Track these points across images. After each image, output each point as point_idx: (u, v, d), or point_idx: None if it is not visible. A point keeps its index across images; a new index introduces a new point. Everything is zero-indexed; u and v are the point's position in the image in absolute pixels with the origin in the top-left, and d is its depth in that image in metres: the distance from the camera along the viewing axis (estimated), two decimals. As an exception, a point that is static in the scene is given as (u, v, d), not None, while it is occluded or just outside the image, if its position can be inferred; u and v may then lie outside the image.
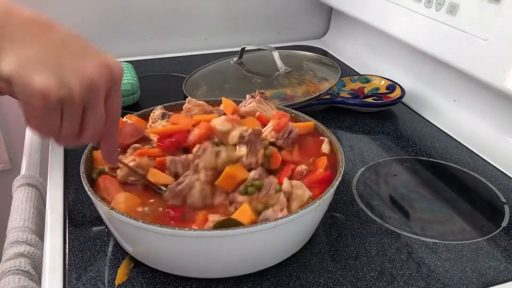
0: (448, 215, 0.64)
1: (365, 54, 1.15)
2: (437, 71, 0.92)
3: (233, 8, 1.23)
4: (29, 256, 0.61)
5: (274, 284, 0.52)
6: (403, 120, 0.89)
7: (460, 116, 0.87)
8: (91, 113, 0.44)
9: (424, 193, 0.68)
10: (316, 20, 1.33)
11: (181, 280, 0.52)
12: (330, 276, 0.53)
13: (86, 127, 0.44)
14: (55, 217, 0.62)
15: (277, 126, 0.62)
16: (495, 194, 0.68)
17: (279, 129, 0.62)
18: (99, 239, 0.58)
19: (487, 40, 0.73)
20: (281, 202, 0.52)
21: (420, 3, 0.87)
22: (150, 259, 0.53)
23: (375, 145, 0.80)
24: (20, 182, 0.73)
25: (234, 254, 0.50)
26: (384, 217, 0.63)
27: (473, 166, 0.75)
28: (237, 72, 0.99)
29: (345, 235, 0.60)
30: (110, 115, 0.46)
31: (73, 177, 0.69)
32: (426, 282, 0.53)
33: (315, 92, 0.85)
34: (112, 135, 0.48)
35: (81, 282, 0.52)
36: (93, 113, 0.44)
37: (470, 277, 0.54)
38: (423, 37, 0.88)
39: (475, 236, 0.60)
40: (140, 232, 0.49)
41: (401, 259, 0.56)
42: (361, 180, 0.71)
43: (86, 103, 0.43)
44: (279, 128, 0.62)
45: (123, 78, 0.88)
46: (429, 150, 0.79)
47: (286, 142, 0.62)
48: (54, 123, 0.43)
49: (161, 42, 1.20)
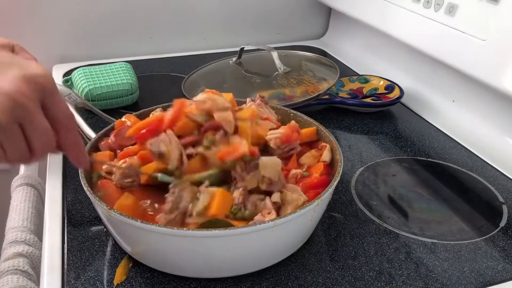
0: (446, 215, 0.64)
1: (364, 55, 1.15)
2: (435, 72, 0.92)
3: (232, 8, 1.23)
4: (27, 256, 0.61)
5: (272, 284, 0.52)
6: (402, 120, 0.89)
7: (458, 116, 0.87)
8: (30, 130, 0.41)
9: (423, 193, 0.68)
10: (315, 20, 1.33)
11: (180, 280, 0.52)
12: (329, 276, 0.53)
13: (33, 145, 0.42)
14: (54, 217, 0.62)
15: (285, 138, 0.59)
16: (493, 194, 0.68)
17: (286, 141, 0.59)
18: (97, 239, 0.58)
19: (485, 40, 0.74)
20: (268, 206, 0.52)
21: (419, 3, 0.87)
22: (148, 259, 0.53)
23: (374, 145, 0.80)
24: (19, 182, 0.73)
25: (233, 254, 0.50)
26: (383, 217, 0.63)
27: (472, 166, 0.75)
28: (236, 72, 0.99)
29: (344, 235, 0.60)
30: (58, 123, 0.43)
31: (71, 177, 0.69)
32: (425, 282, 0.53)
33: (314, 92, 0.85)
34: (72, 141, 0.46)
35: (79, 282, 0.52)
36: (32, 129, 0.41)
37: (468, 277, 0.54)
38: (422, 38, 0.88)
39: (473, 236, 0.60)
40: (138, 232, 0.49)
41: (399, 259, 0.56)
42: (360, 180, 0.71)
43: (19, 123, 0.40)
44: (287, 141, 0.59)
45: (122, 77, 0.88)
46: (427, 150, 0.79)
47: (283, 154, 0.60)
48: None
49: (160, 42, 1.20)
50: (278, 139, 0.59)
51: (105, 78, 0.88)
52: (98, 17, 1.13)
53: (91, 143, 0.61)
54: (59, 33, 1.11)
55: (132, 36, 1.17)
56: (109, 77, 0.88)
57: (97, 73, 0.89)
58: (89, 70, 0.90)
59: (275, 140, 0.60)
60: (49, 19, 1.09)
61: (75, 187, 0.67)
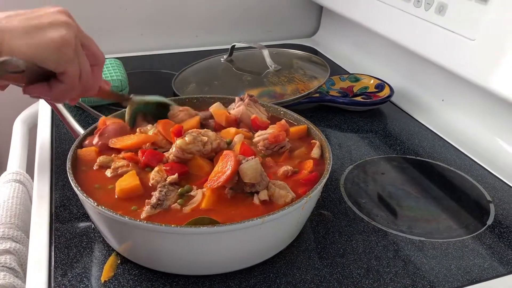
0: (434, 213, 0.64)
1: (355, 53, 1.16)
2: (425, 71, 0.93)
3: (224, 6, 1.23)
4: (14, 253, 0.60)
5: (261, 281, 0.52)
6: (392, 119, 0.90)
7: (448, 116, 0.88)
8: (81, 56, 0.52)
9: (411, 191, 0.69)
10: (306, 19, 1.33)
11: (168, 277, 0.52)
12: (317, 273, 0.54)
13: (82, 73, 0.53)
14: (42, 213, 0.61)
15: (273, 139, 0.61)
16: (481, 193, 0.69)
17: (275, 142, 0.61)
18: (85, 235, 0.58)
19: (474, 40, 0.74)
20: None
21: (410, 2, 0.87)
22: (136, 256, 0.53)
23: (364, 144, 0.81)
24: (7, 178, 0.72)
25: (221, 251, 0.50)
26: (372, 215, 0.63)
27: (460, 165, 0.75)
28: (227, 70, 0.99)
29: (333, 232, 0.60)
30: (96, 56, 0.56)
31: (59, 174, 0.69)
32: (412, 279, 0.53)
33: (305, 91, 0.86)
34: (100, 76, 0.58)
35: (66, 279, 0.51)
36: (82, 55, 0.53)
37: (455, 275, 0.54)
38: (412, 37, 0.88)
39: (461, 234, 0.61)
40: (126, 228, 0.49)
41: (387, 257, 0.56)
42: (349, 178, 0.71)
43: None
44: (275, 141, 0.61)
45: (112, 74, 0.88)
46: (417, 149, 0.79)
47: (273, 154, 0.62)
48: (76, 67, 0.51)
49: (151, 39, 1.20)
50: (266, 141, 0.62)
51: (94, 75, 0.87)
52: (89, 13, 1.12)
53: (79, 140, 0.61)
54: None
55: (122, 33, 1.17)
56: (98, 74, 0.88)
57: (86, 69, 0.88)
58: (78, 66, 0.89)
59: (264, 142, 0.62)
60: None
61: (63, 184, 0.66)
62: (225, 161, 0.53)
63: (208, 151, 0.58)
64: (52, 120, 0.83)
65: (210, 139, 0.58)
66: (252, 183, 0.53)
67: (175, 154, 0.57)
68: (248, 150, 0.58)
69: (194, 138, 0.57)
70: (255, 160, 0.53)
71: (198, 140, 0.57)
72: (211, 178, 0.53)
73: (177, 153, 0.56)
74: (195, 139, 0.57)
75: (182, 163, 0.57)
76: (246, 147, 0.59)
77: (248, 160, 0.53)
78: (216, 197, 0.53)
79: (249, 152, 0.58)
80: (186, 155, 0.56)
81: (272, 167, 0.59)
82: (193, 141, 0.56)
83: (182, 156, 0.56)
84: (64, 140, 0.77)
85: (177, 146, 0.56)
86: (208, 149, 0.57)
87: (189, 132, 0.58)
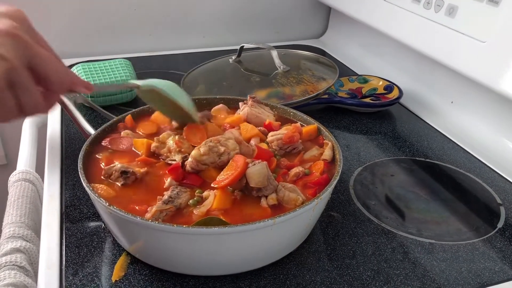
0: (444, 216, 0.64)
1: (364, 55, 1.15)
2: (435, 72, 0.93)
3: (232, 7, 1.23)
4: (25, 251, 0.60)
5: (271, 282, 0.52)
6: (401, 120, 0.90)
7: (457, 118, 0.87)
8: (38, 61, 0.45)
9: (421, 193, 0.69)
10: (314, 20, 1.33)
11: (178, 277, 0.52)
12: (327, 275, 0.54)
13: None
14: (52, 213, 0.62)
15: (288, 139, 0.62)
16: (491, 196, 0.68)
17: (289, 142, 0.62)
18: (96, 235, 0.58)
19: (485, 42, 0.74)
20: None
21: (419, 4, 0.87)
22: (147, 256, 0.53)
23: (372, 145, 0.80)
24: (16, 177, 0.73)
25: (232, 251, 0.50)
26: (381, 217, 0.63)
27: (470, 168, 0.75)
28: (235, 71, 0.99)
29: (342, 234, 0.60)
30: None
31: (70, 173, 0.69)
32: (422, 282, 0.53)
33: (313, 92, 0.85)
34: None
35: (77, 278, 0.52)
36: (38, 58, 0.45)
37: (466, 278, 0.54)
38: (421, 39, 0.88)
39: (471, 237, 0.60)
40: (137, 228, 0.49)
41: (397, 259, 0.56)
42: (358, 180, 0.71)
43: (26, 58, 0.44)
44: (290, 141, 0.62)
45: (121, 74, 0.88)
46: (426, 151, 0.79)
47: (285, 154, 0.63)
48: (11, 102, 0.43)
49: (159, 39, 1.20)
50: (280, 141, 0.62)
51: (104, 75, 0.88)
52: (98, 13, 1.12)
53: (90, 139, 0.61)
54: (59, 29, 1.10)
55: (131, 33, 1.17)
56: (108, 74, 0.88)
57: (96, 70, 0.89)
58: (88, 67, 0.90)
59: (278, 142, 0.62)
60: (50, 15, 1.08)
61: (73, 183, 0.67)
62: (234, 163, 0.54)
63: (224, 162, 0.56)
64: (61, 120, 0.84)
65: (228, 149, 0.56)
66: (258, 188, 0.53)
67: (190, 165, 0.56)
68: (263, 153, 0.58)
69: (209, 149, 0.55)
70: (261, 164, 0.53)
71: (214, 152, 0.55)
72: (218, 178, 0.53)
73: (192, 163, 0.55)
74: (211, 150, 0.55)
75: (196, 173, 0.56)
76: (262, 150, 0.59)
77: (255, 164, 0.53)
78: (226, 199, 0.53)
79: (266, 154, 0.58)
80: (201, 166, 0.56)
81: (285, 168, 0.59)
82: (208, 152, 0.55)
83: (197, 167, 0.56)
84: (74, 139, 0.77)
85: (192, 157, 0.55)
86: (224, 159, 0.55)
87: (207, 141, 0.56)
